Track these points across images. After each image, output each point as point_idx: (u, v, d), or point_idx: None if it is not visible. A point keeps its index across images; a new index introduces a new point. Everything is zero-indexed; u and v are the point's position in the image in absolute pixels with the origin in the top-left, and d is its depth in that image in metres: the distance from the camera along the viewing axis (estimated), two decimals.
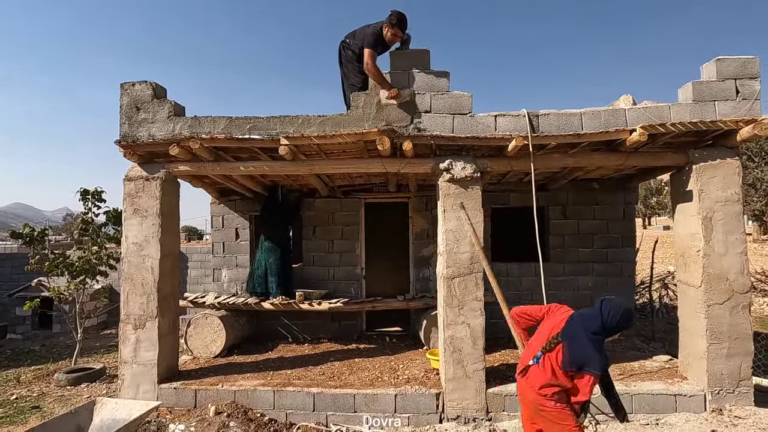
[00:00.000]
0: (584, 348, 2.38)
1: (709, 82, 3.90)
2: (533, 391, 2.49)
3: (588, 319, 2.47)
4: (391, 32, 4.01)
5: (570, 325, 2.50)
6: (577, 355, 2.39)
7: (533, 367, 2.53)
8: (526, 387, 2.54)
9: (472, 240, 4.03)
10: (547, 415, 2.47)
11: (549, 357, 2.47)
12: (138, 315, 4.19)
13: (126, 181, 4.28)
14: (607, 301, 2.51)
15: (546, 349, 2.48)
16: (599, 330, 2.42)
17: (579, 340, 2.41)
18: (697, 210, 3.93)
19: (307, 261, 6.30)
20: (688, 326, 4.14)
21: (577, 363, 2.39)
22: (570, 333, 2.46)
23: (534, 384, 2.49)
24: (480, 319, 4.02)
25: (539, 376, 2.48)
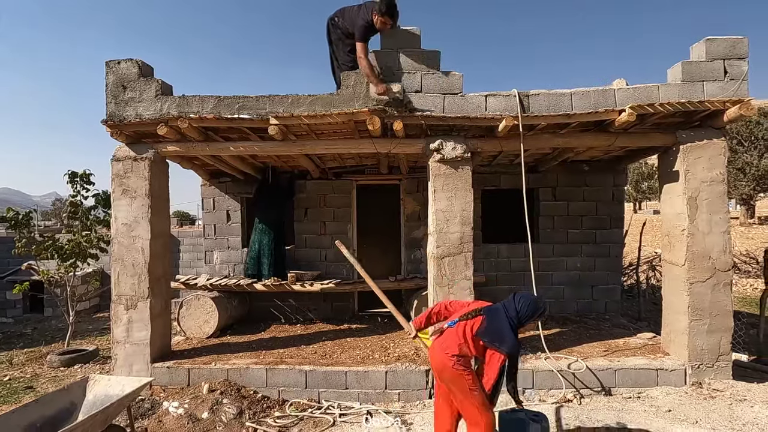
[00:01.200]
0: (501, 326, 2.53)
1: (698, 62, 3.92)
2: (442, 351, 2.55)
3: (507, 306, 2.65)
4: (381, 20, 3.85)
5: (492, 307, 2.67)
6: (493, 329, 2.52)
7: (447, 330, 2.62)
8: (437, 347, 2.61)
9: (461, 220, 4.07)
10: (449, 375, 2.53)
11: (465, 324, 2.59)
12: (129, 295, 4.19)
13: (114, 162, 4.23)
14: (520, 294, 2.72)
15: (464, 317, 2.60)
16: (514, 317, 2.58)
17: (498, 318, 2.57)
18: (683, 190, 3.99)
19: (299, 243, 6.32)
20: (671, 303, 4.25)
21: (491, 336, 2.51)
22: (491, 311, 2.62)
23: (444, 345, 2.56)
24: (469, 298, 4.08)
25: (451, 338, 2.56)
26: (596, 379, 4.04)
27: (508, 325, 2.55)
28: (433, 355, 2.64)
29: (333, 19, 4.23)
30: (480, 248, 6.10)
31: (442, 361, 2.54)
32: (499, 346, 2.49)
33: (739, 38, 3.88)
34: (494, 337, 2.51)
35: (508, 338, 2.51)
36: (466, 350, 2.53)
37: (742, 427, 3.29)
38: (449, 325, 2.64)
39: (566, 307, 6.11)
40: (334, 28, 4.23)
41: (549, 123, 3.99)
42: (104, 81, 4.15)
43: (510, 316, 2.59)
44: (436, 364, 2.61)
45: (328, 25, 4.29)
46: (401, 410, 3.87)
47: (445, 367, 2.53)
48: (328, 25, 4.29)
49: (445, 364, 2.52)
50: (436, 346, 2.63)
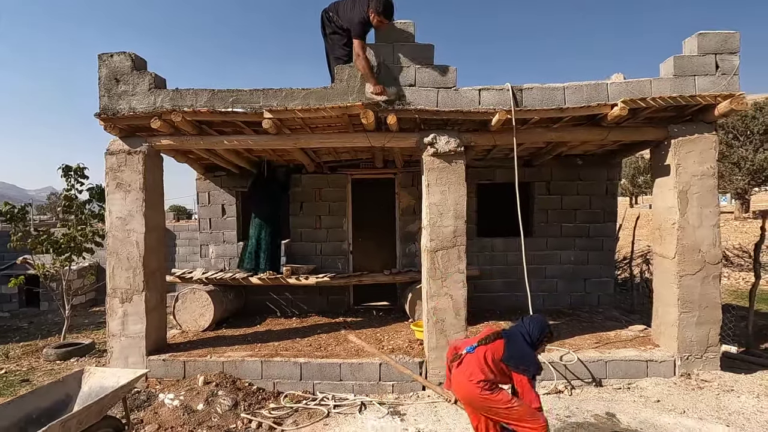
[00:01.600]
0: (524, 349, 2.53)
1: (690, 56, 3.94)
2: (466, 379, 2.49)
3: (521, 329, 2.64)
4: (378, 19, 3.86)
5: (508, 331, 2.66)
6: (517, 352, 2.50)
7: (467, 356, 2.55)
8: (460, 376, 2.54)
9: (455, 213, 4.10)
10: (481, 403, 2.48)
11: (486, 349, 2.54)
12: (125, 289, 4.21)
13: (108, 155, 4.23)
14: (529, 317, 2.74)
15: (483, 342, 2.56)
16: (529, 340, 2.59)
17: (518, 341, 2.55)
18: (674, 184, 4.03)
19: (295, 237, 6.33)
20: (661, 296, 4.30)
21: (516, 360, 2.48)
22: (509, 335, 2.61)
23: (467, 373, 2.50)
24: (462, 291, 4.12)
25: (472, 365, 2.50)
26: (587, 371, 4.10)
27: (529, 348, 2.55)
28: (457, 386, 2.56)
29: (327, 13, 4.22)
30: (474, 242, 6.14)
31: (469, 389, 2.47)
32: (527, 369, 2.46)
33: (730, 33, 3.90)
34: (519, 360, 2.48)
35: (531, 359, 2.50)
36: (491, 376, 2.48)
37: (729, 417, 3.36)
38: (468, 350, 2.57)
39: (559, 300, 6.17)
40: (328, 21, 4.21)
41: (542, 117, 4.01)
42: (97, 74, 4.13)
43: (527, 339, 2.58)
44: (463, 394, 2.53)
45: (322, 17, 4.28)
46: (395, 401, 3.92)
47: (473, 396, 2.46)
48: (322, 17, 4.28)
49: (473, 392, 2.45)
50: (458, 376, 2.55)
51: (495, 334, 2.60)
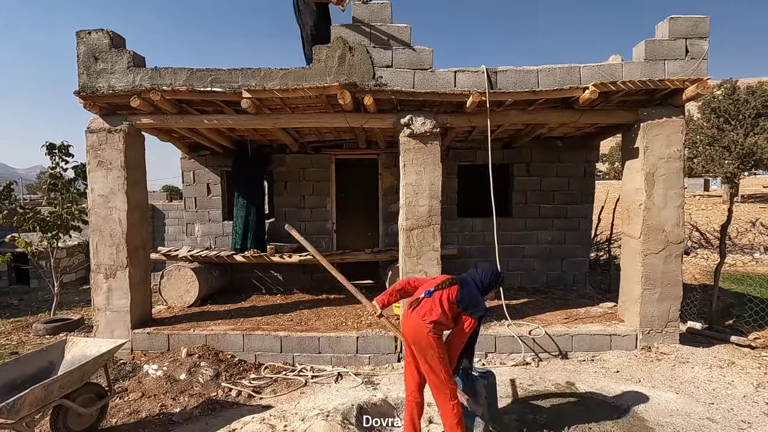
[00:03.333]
0: (474, 293, 2.69)
1: (661, 41, 4.02)
2: (419, 318, 2.63)
3: (473, 276, 2.80)
4: None
5: (461, 277, 2.79)
6: (469, 295, 2.66)
7: (424, 300, 2.69)
8: (414, 316, 2.67)
9: (430, 193, 4.22)
10: (424, 343, 2.61)
11: (442, 293, 2.69)
12: (108, 265, 4.32)
13: (88, 133, 4.27)
14: (482, 265, 2.87)
15: (440, 287, 2.70)
16: (480, 286, 2.76)
17: (470, 287, 2.72)
18: (642, 166, 4.17)
19: (279, 216, 6.44)
20: (627, 274, 4.49)
21: (466, 303, 2.64)
22: (463, 281, 2.76)
23: (421, 313, 2.64)
24: (437, 268, 4.28)
25: (428, 306, 2.65)
26: (554, 344, 4.31)
27: (479, 292, 2.73)
28: (408, 323, 2.69)
29: None
30: (455, 222, 6.29)
31: (419, 328, 2.60)
32: (474, 311, 2.64)
33: (701, 17, 3.97)
34: (469, 303, 2.65)
35: (480, 303, 2.68)
36: (443, 318, 2.62)
37: (680, 386, 3.59)
38: (426, 294, 2.72)
39: (536, 278, 6.37)
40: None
41: (516, 99, 4.09)
42: (75, 52, 4.14)
43: (478, 284, 2.76)
44: (411, 332, 2.65)
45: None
46: (370, 372, 4.11)
47: (420, 335, 2.59)
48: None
49: (422, 332, 2.58)
50: (412, 315, 2.68)
51: (450, 280, 2.75)
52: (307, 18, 4.24)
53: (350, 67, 4.03)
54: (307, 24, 4.24)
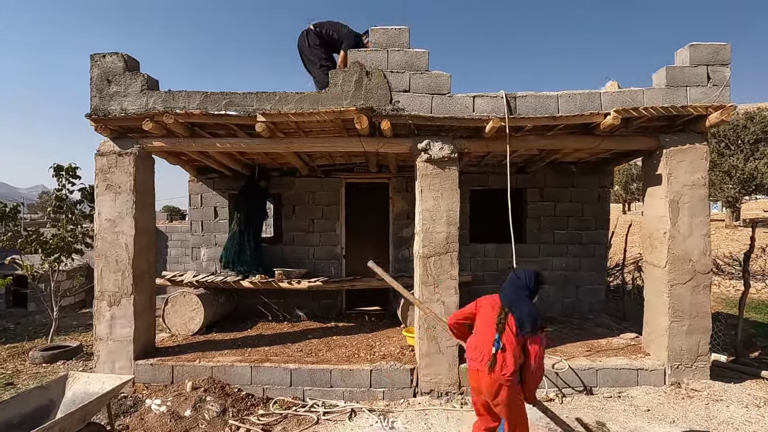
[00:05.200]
0: (529, 309, 2.53)
1: (682, 67, 3.97)
2: (498, 375, 2.46)
3: (516, 287, 2.65)
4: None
5: (506, 297, 2.62)
6: (528, 315, 2.50)
7: (500, 354, 2.49)
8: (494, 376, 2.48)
9: (447, 220, 4.09)
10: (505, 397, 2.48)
11: (506, 336, 2.50)
12: (113, 292, 4.15)
13: (98, 156, 4.18)
14: (518, 271, 2.75)
15: (500, 328, 2.51)
16: (527, 293, 2.63)
17: (522, 301, 2.56)
18: (665, 193, 4.05)
19: (287, 240, 6.30)
20: (652, 305, 4.32)
21: (531, 321, 2.48)
22: (511, 300, 2.58)
23: (499, 369, 2.46)
24: (454, 297, 4.11)
25: (502, 359, 2.47)
26: (578, 379, 4.10)
27: (531, 303, 2.59)
28: (484, 381, 2.52)
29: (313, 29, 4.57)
30: (468, 247, 6.14)
31: (500, 387, 2.47)
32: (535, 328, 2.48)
33: (722, 45, 3.94)
34: (532, 323, 2.48)
35: (538, 315, 2.55)
36: (517, 359, 2.48)
37: (717, 426, 3.37)
38: (497, 348, 2.49)
39: (551, 306, 6.18)
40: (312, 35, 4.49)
41: (535, 125, 4.02)
42: (89, 75, 4.09)
43: (526, 294, 2.62)
44: (490, 389, 2.51)
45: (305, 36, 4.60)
46: (385, 408, 3.89)
47: (502, 393, 2.47)
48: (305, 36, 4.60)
49: (503, 389, 2.47)
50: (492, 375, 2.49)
51: (504, 314, 2.54)
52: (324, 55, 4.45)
53: (367, 91, 3.98)
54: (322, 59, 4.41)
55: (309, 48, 4.58)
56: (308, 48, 4.59)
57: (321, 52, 4.53)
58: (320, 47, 4.53)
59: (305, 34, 4.64)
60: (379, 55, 4.01)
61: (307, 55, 4.64)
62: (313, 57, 4.57)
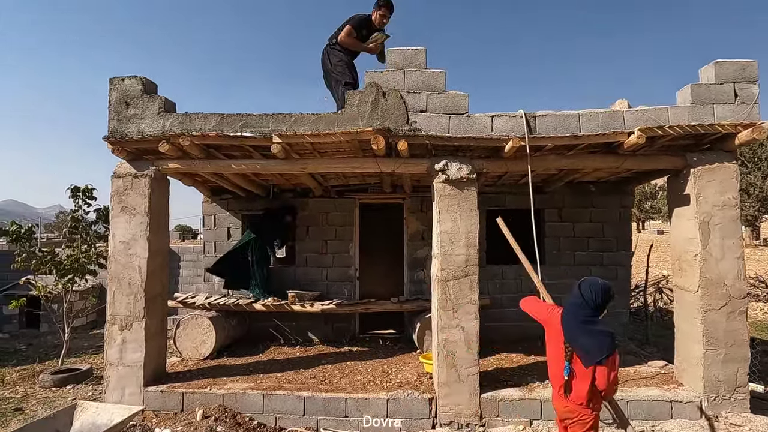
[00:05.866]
0: (591, 336, 2.39)
1: (707, 85, 3.86)
2: (574, 402, 2.46)
3: (575, 311, 2.49)
4: (379, 13, 4.33)
5: (566, 328, 2.49)
6: (590, 347, 2.38)
7: (572, 380, 2.46)
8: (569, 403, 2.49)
9: (467, 242, 3.97)
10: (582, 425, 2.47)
11: (575, 364, 2.45)
12: (124, 315, 4.08)
13: (114, 178, 4.18)
14: (582, 285, 2.54)
15: (567, 357, 2.46)
16: (590, 314, 2.44)
17: (580, 332, 2.42)
18: (695, 214, 3.89)
19: (300, 262, 6.20)
20: (684, 331, 4.09)
21: (595, 352, 2.36)
22: (571, 335, 2.45)
23: (573, 395, 2.46)
24: (474, 323, 3.95)
25: (580, 388, 2.43)
26: (608, 411, 3.86)
27: (596, 330, 2.40)
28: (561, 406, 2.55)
29: (330, 44, 4.46)
30: (485, 270, 5.96)
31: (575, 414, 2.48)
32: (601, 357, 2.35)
33: (748, 61, 3.83)
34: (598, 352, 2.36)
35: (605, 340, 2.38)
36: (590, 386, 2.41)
37: None
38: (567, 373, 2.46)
39: None
40: (332, 50, 4.38)
41: (556, 144, 3.92)
42: (107, 98, 4.13)
43: (584, 320, 2.43)
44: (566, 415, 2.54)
45: (324, 53, 4.52)
46: None
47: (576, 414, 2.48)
48: (324, 53, 4.52)
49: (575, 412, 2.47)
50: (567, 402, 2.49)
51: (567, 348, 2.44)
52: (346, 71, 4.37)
53: (383, 111, 3.93)
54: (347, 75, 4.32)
55: (331, 66, 4.45)
56: (330, 66, 4.47)
57: (345, 68, 4.37)
58: (342, 63, 4.37)
59: (326, 52, 4.54)
60: (395, 76, 3.98)
61: (330, 73, 4.50)
62: (337, 74, 4.42)
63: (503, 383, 4.21)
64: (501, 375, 4.49)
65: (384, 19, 4.31)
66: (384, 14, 4.28)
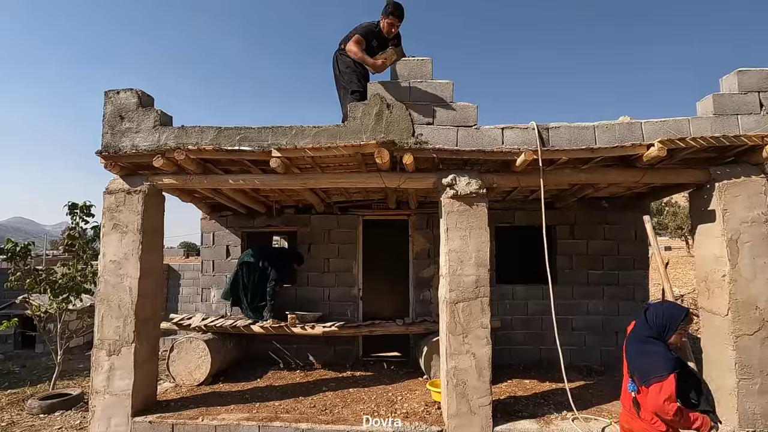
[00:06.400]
0: (642, 358, 2.31)
1: (730, 95, 3.66)
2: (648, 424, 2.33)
3: (638, 330, 2.44)
4: (387, 21, 3.97)
5: (628, 345, 2.48)
6: (639, 368, 2.31)
7: (639, 397, 2.34)
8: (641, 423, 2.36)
9: (477, 261, 3.73)
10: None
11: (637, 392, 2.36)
12: (113, 340, 3.84)
13: (106, 195, 4.00)
14: (650, 308, 2.47)
15: (630, 375, 2.42)
16: (650, 334, 2.36)
17: (636, 354, 2.37)
18: (722, 231, 3.63)
19: (301, 281, 5.96)
20: (713, 359, 3.78)
21: (640, 375, 2.29)
22: (628, 353, 2.44)
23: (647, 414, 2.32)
24: (486, 349, 3.68)
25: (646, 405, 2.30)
26: None
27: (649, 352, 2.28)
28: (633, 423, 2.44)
29: (339, 49, 4.15)
30: (494, 289, 5.66)
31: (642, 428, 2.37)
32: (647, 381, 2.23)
33: None
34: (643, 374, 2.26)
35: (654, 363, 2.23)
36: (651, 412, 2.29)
37: None
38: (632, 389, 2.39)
39: (589, 355, 5.61)
40: (341, 56, 4.12)
41: (570, 158, 3.70)
42: (102, 111, 3.99)
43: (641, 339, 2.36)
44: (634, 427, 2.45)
45: (334, 58, 4.21)
46: None
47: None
48: (334, 58, 4.21)
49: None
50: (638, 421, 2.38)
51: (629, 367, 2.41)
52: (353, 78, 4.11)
53: (388, 124, 3.75)
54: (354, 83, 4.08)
55: (340, 73, 4.16)
56: (339, 74, 4.17)
57: (353, 76, 4.06)
58: (349, 70, 4.07)
59: (335, 57, 4.22)
60: (401, 87, 3.81)
61: (338, 80, 4.21)
62: (344, 82, 4.13)
63: (517, 414, 3.90)
64: (515, 404, 4.18)
65: (393, 28, 3.95)
66: (393, 22, 3.91)
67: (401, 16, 3.96)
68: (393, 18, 3.91)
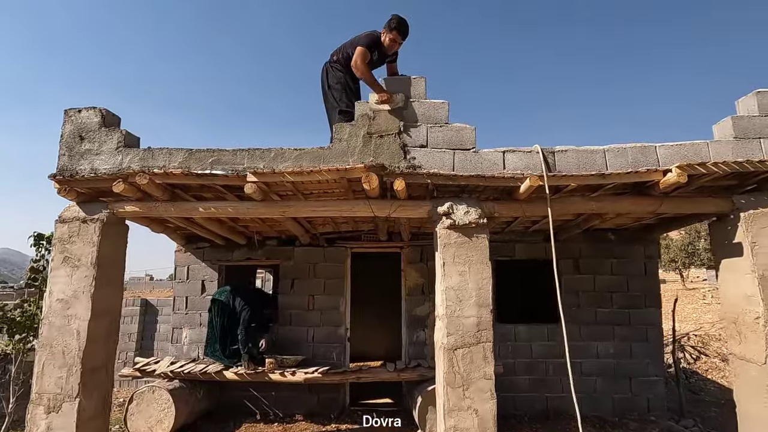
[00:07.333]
0: None
1: (750, 117, 3.37)
2: None
3: None
4: (390, 37, 3.62)
5: None
6: None
7: None
8: None
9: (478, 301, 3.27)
10: None
11: None
12: (53, 393, 3.27)
13: (58, 224, 3.53)
14: None
15: None
16: None
17: None
18: (751, 267, 3.24)
19: (284, 320, 5.42)
20: (750, 415, 3.29)
21: None
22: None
23: None
24: (490, 404, 3.17)
25: None
26: None
27: None
28: None
29: (330, 61, 3.85)
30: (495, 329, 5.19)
31: None
32: None
33: None
34: None
35: None
36: None
37: None
38: None
39: (601, 404, 5.07)
40: (332, 69, 3.81)
41: (580, 183, 3.34)
42: (60, 131, 3.59)
43: None
44: None
45: (323, 71, 3.88)
46: None
47: None
48: (323, 71, 3.88)
49: None
50: None
51: None
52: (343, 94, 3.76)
53: (377, 146, 3.39)
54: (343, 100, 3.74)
55: (329, 89, 3.80)
56: (328, 89, 3.81)
57: (343, 94, 3.72)
58: (340, 86, 3.74)
59: (325, 70, 3.86)
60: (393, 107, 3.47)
61: (326, 96, 3.86)
62: (333, 99, 3.77)
63: None
64: None
65: (395, 45, 3.66)
66: (395, 39, 3.62)
67: (405, 33, 3.67)
68: (396, 34, 3.60)
